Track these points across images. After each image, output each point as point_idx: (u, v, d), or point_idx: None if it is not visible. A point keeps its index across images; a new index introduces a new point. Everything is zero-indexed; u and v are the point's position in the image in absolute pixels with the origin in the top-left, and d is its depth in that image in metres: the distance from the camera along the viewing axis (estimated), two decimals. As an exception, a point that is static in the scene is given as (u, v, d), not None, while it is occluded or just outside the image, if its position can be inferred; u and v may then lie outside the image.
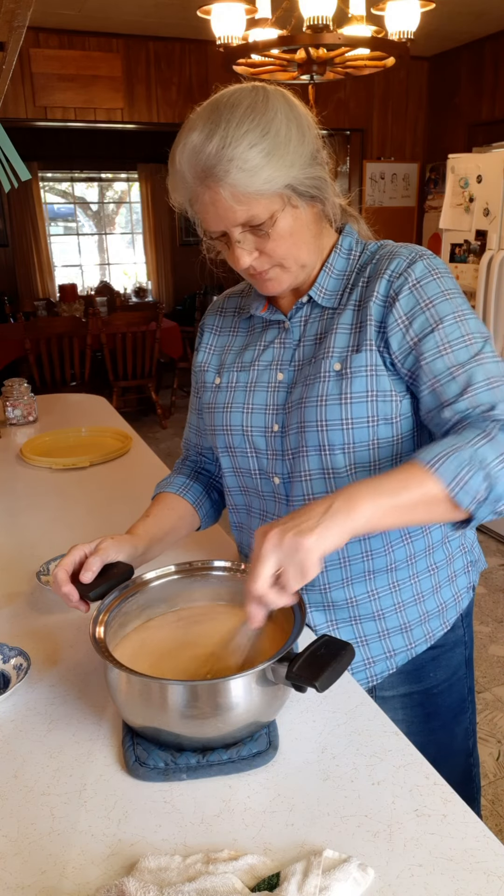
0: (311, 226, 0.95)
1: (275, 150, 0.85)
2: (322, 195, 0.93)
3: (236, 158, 0.83)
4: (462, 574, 1.11)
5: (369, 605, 1.04)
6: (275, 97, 0.88)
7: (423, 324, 0.91)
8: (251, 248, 0.92)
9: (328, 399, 0.96)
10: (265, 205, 0.87)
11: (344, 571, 1.03)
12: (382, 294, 0.94)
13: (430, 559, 1.06)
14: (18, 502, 1.68)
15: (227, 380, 1.08)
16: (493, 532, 3.57)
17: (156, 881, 0.64)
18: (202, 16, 2.72)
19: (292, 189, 0.88)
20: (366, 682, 1.07)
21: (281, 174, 0.86)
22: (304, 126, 0.89)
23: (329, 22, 2.51)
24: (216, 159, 0.84)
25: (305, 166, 0.88)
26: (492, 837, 0.69)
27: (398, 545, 1.02)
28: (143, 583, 0.97)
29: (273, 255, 0.93)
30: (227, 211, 0.87)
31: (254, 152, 0.83)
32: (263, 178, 0.84)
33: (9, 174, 1.28)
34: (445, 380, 0.90)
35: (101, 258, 9.07)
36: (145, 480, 1.77)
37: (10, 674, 0.97)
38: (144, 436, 3.54)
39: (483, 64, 4.95)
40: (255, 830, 0.71)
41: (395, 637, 1.06)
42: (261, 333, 1.07)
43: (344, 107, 5.36)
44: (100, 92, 4.72)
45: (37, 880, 0.67)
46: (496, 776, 2.04)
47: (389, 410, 0.95)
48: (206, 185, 0.86)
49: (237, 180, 0.84)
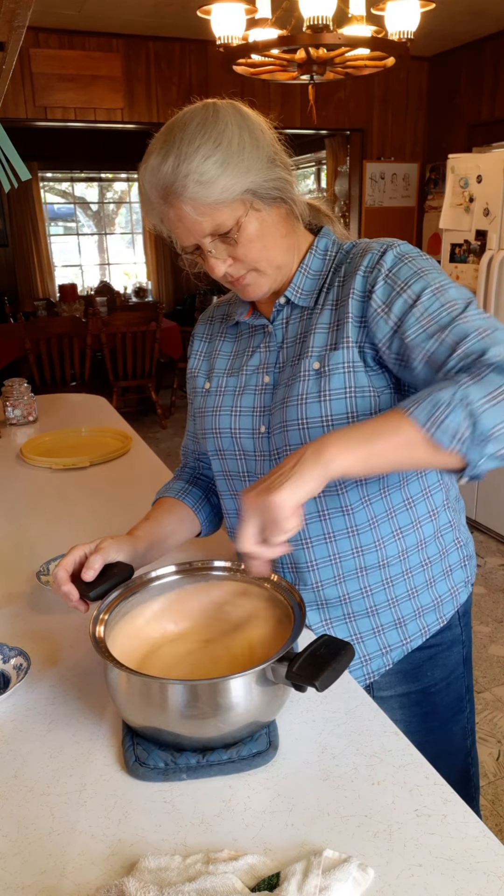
0: (280, 227, 0.97)
1: (229, 159, 0.87)
2: (285, 195, 0.94)
3: (192, 172, 0.86)
4: (458, 568, 1.11)
5: (363, 601, 1.05)
6: (224, 110, 0.91)
7: (402, 305, 0.92)
8: (224, 256, 0.95)
9: (308, 397, 0.97)
10: (228, 213, 0.90)
11: (335, 568, 1.03)
12: (359, 290, 0.95)
13: (423, 553, 1.06)
14: (18, 502, 1.68)
15: (216, 384, 1.11)
16: (493, 532, 3.57)
17: (156, 881, 0.64)
18: (202, 16, 2.72)
19: (253, 193, 0.90)
20: (363, 680, 1.07)
21: (238, 181, 0.88)
22: (256, 131, 0.91)
23: (329, 22, 2.51)
24: (173, 176, 0.87)
25: (263, 170, 0.90)
26: (492, 837, 0.69)
27: (389, 540, 1.03)
28: (143, 582, 0.97)
29: (246, 259, 0.95)
30: (193, 224, 0.90)
31: (208, 164, 0.87)
32: (221, 186, 0.87)
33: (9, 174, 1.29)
34: (433, 347, 0.88)
35: (101, 258, 9.07)
36: (145, 480, 1.77)
37: (10, 674, 0.97)
38: (144, 436, 3.54)
39: (483, 64, 4.95)
40: (255, 830, 0.71)
41: (390, 632, 1.06)
42: (248, 339, 1.09)
43: (344, 107, 5.36)
44: (100, 92, 4.72)
45: (37, 880, 0.67)
46: (496, 776, 2.04)
47: (368, 406, 0.96)
48: (170, 203, 0.90)
49: (196, 193, 0.87)
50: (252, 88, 4.90)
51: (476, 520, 3.63)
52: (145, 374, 5.46)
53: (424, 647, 1.09)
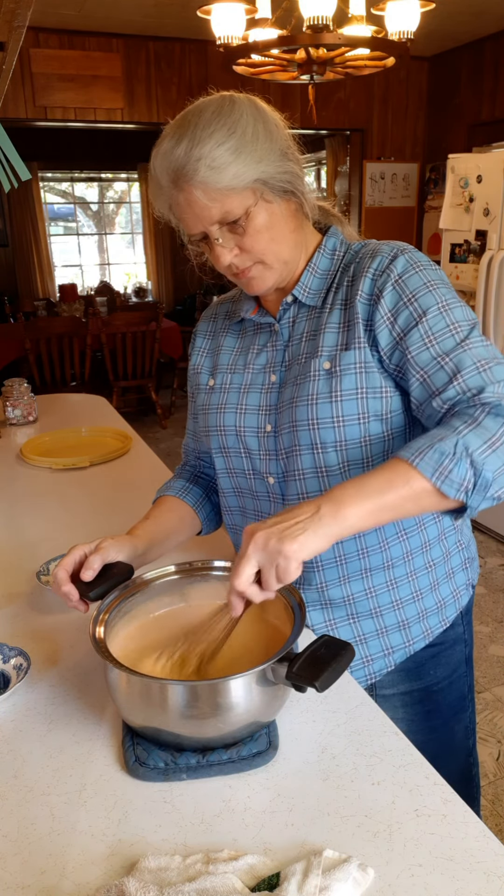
0: (288, 220, 0.97)
1: (242, 147, 0.88)
2: (295, 188, 0.95)
3: (204, 157, 0.87)
4: (460, 571, 1.11)
5: (367, 602, 1.05)
6: (241, 101, 0.92)
7: (408, 318, 0.92)
8: (231, 246, 0.94)
9: (319, 397, 0.96)
10: (238, 200, 0.90)
11: (340, 569, 1.03)
12: (367, 292, 0.96)
13: (427, 556, 1.06)
14: (18, 502, 1.68)
15: (220, 381, 1.10)
16: (494, 532, 3.57)
17: (156, 881, 0.64)
18: (202, 16, 2.72)
19: (263, 183, 0.91)
20: (364, 681, 1.07)
21: (250, 169, 0.89)
22: (271, 125, 0.92)
23: (329, 22, 2.51)
24: (185, 160, 0.88)
25: (275, 161, 0.91)
26: (492, 837, 0.69)
27: (394, 542, 1.02)
28: (143, 583, 0.97)
29: (252, 250, 0.95)
30: (202, 209, 0.90)
31: (221, 150, 0.87)
32: (232, 173, 0.88)
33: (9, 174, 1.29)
34: (433, 370, 0.90)
35: (101, 258, 9.07)
36: (145, 480, 1.77)
37: (10, 674, 0.97)
38: (144, 436, 3.54)
39: (483, 64, 4.95)
40: (255, 830, 0.71)
41: (394, 634, 1.06)
42: (253, 337, 1.09)
43: (344, 107, 5.36)
44: (100, 92, 4.72)
45: (37, 880, 0.67)
46: (496, 776, 2.04)
47: (380, 407, 0.96)
48: (180, 187, 0.90)
49: (207, 177, 0.87)
50: (252, 88, 4.88)
51: (476, 520, 3.63)
52: (145, 374, 5.46)
53: (427, 645, 1.09)
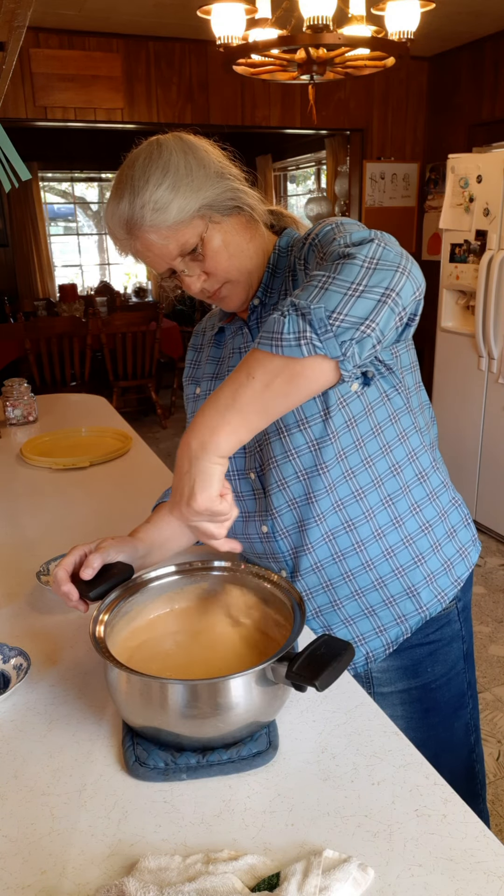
0: (243, 233, 1.01)
1: (178, 183, 0.93)
2: (240, 202, 0.99)
3: (147, 202, 0.92)
4: (462, 528, 1.12)
5: (367, 575, 1.06)
6: (166, 141, 0.96)
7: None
8: (197, 273, 0.99)
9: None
10: (190, 231, 0.95)
11: (331, 546, 1.04)
12: (304, 259, 0.99)
13: (421, 518, 1.06)
14: (18, 502, 1.68)
15: (205, 389, 1.16)
16: (494, 532, 3.57)
17: (156, 881, 0.64)
18: (202, 16, 2.72)
19: (209, 208, 0.95)
20: (382, 651, 1.08)
21: (191, 200, 0.93)
22: (200, 153, 0.97)
23: (329, 22, 2.51)
24: (132, 210, 0.93)
25: (214, 185, 0.96)
26: (492, 837, 0.69)
27: (379, 510, 1.03)
28: (143, 582, 0.97)
29: (216, 271, 0.99)
30: (160, 249, 0.96)
31: (160, 191, 0.92)
32: (177, 208, 0.93)
33: (9, 174, 1.28)
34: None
35: (101, 258, 9.07)
36: (145, 480, 1.78)
37: (10, 674, 0.97)
38: (144, 436, 3.54)
39: (483, 64, 4.94)
40: (255, 830, 0.71)
41: (404, 602, 1.07)
42: (231, 343, 1.13)
43: (344, 107, 5.35)
44: (100, 92, 4.72)
45: (37, 880, 0.67)
46: (496, 776, 2.04)
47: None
48: (135, 236, 0.95)
49: (155, 220, 0.93)
50: (252, 88, 4.90)
51: (476, 520, 3.63)
52: (145, 374, 5.46)
53: (424, 642, 1.10)
